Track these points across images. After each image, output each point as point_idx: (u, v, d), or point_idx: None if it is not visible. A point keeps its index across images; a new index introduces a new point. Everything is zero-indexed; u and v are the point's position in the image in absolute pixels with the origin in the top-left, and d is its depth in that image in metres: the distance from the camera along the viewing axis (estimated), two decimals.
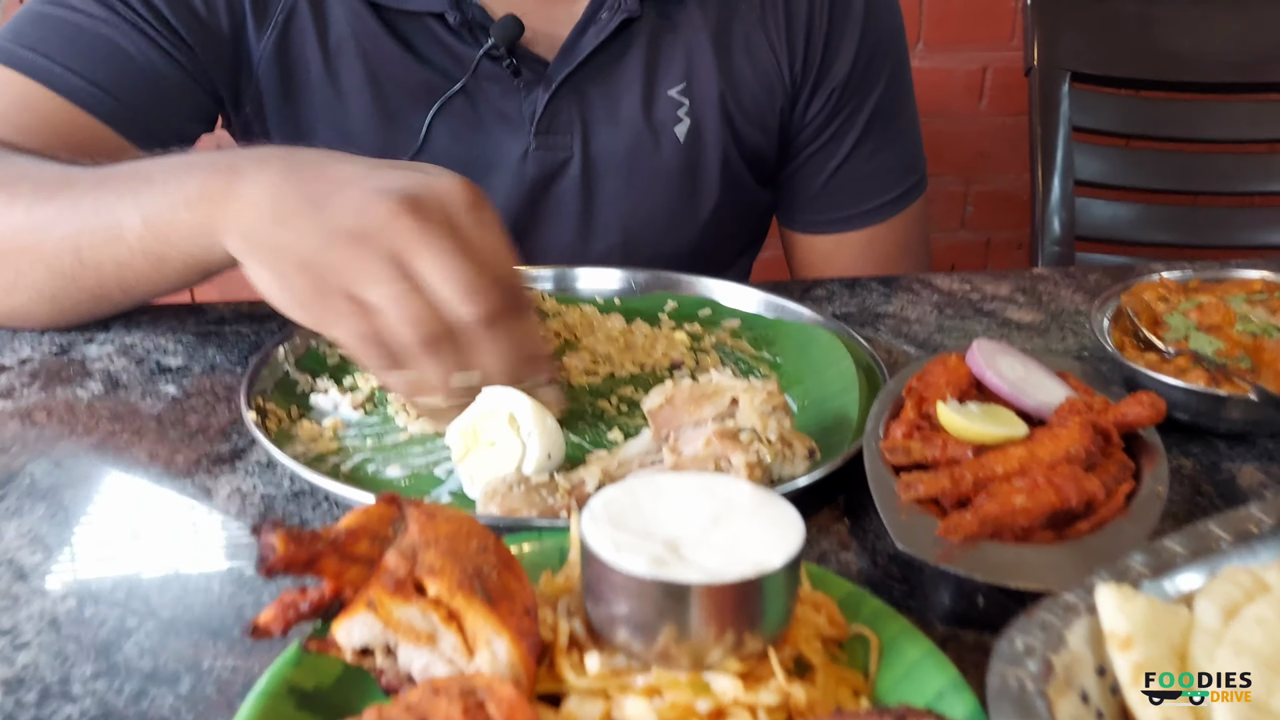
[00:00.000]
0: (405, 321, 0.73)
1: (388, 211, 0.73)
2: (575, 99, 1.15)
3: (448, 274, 0.73)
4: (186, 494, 0.79)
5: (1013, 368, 0.79)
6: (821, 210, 1.30)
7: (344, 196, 0.76)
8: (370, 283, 0.74)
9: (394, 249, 0.73)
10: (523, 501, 0.71)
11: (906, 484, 0.69)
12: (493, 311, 0.74)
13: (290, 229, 0.76)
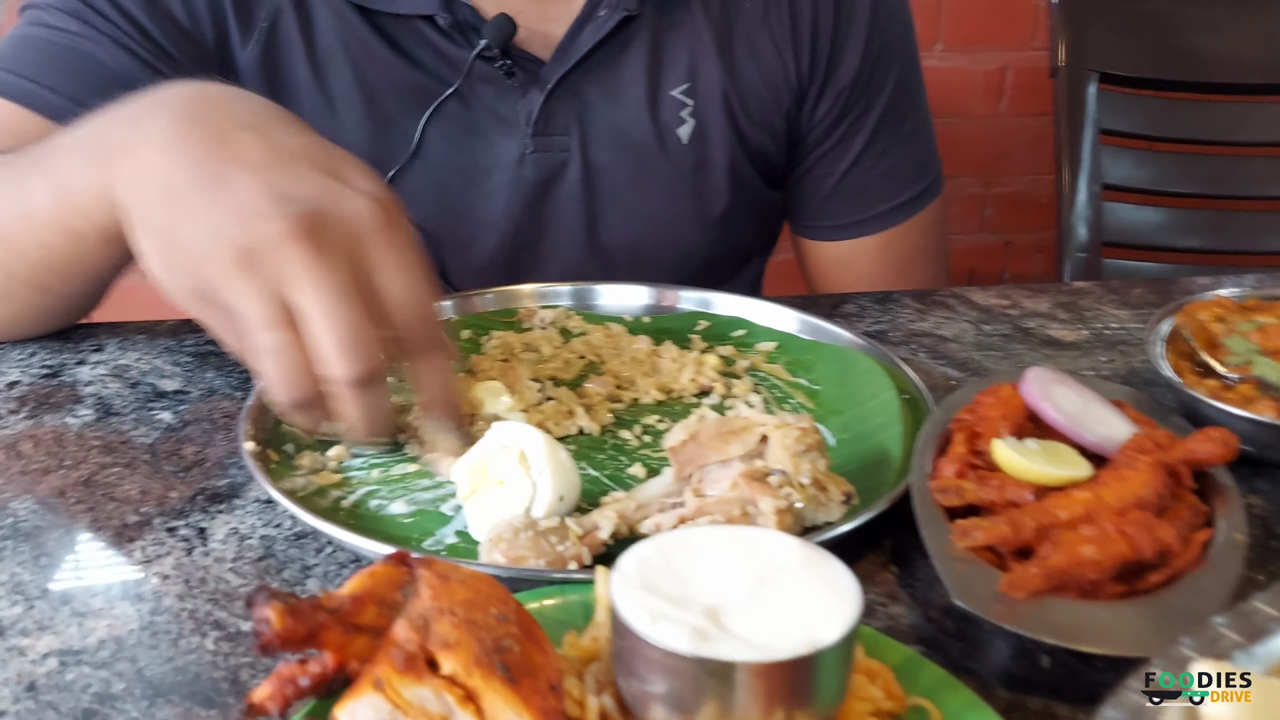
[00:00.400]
0: (275, 377, 0.69)
1: (280, 233, 0.66)
2: (572, 99, 1.10)
3: (330, 321, 0.66)
4: (180, 536, 0.73)
5: (1070, 399, 0.74)
6: (833, 215, 1.24)
7: (238, 190, 0.68)
8: (246, 317, 0.68)
9: (279, 278, 0.67)
10: (530, 549, 0.65)
11: (962, 531, 0.63)
12: (369, 372, 0.68)
13: (177, 214, 0.70)
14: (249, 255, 0.67)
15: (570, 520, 0.68)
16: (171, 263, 0.71)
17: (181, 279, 0.71)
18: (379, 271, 0.69)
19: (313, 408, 0.70)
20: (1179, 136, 1.92)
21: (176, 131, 0.72)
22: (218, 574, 0.70)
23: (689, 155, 1.14)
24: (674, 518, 0.69)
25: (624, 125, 1.12)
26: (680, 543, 0.54)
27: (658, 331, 0.98)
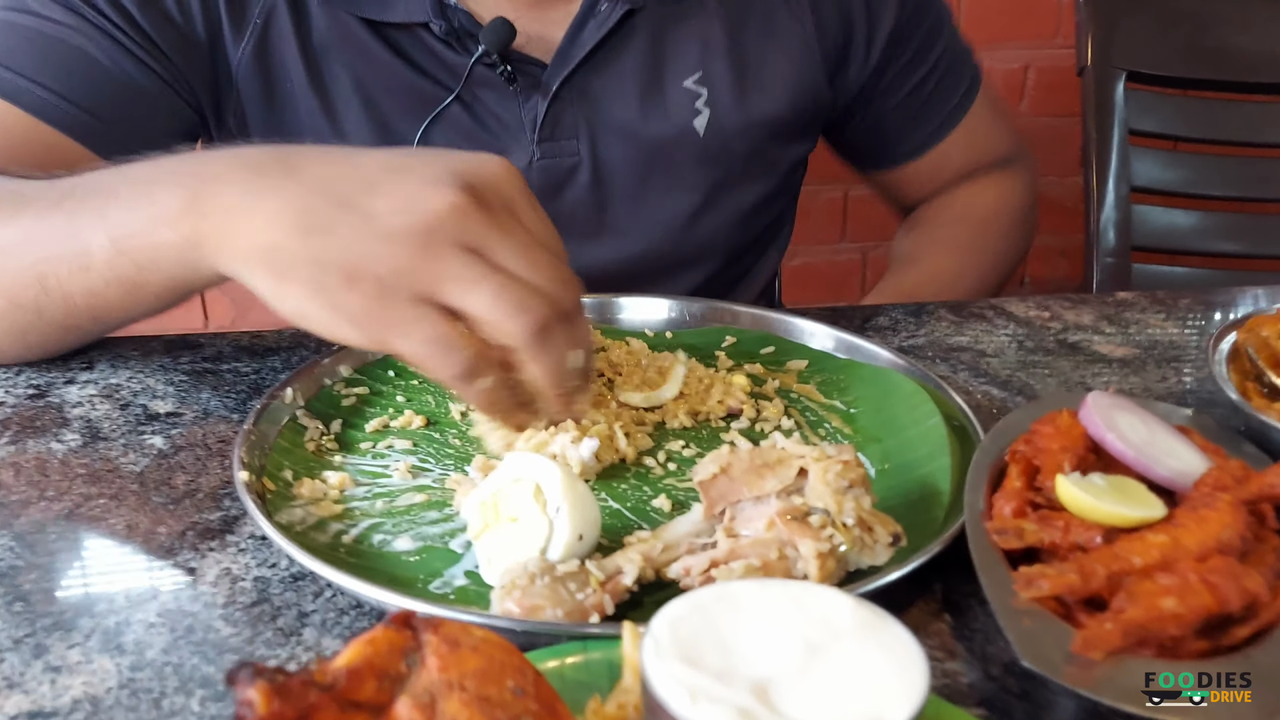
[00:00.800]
0: (511, 313, 0.66)
1: (449, 205, 0.67)
2: (578, 102, 1.05)
3: (533, 261, 0.68)
4: (167, 577, 0.67)
5: (1135, 428, 0.68)
6: (913, 134, 1.24)
7: (388, 193, 0.68)
8: (455, 280, 0.66)
9: (469, 243, 0.67)
10: (547, 597, 0.59)
11: (1027, 580, 0.57)
12: (580, 293, 0.71)
13: (330, 238, 0.67)
14: (430, 232, 0.66)
15: (591, 563, 0.62)
16: (332, 286, 0.67)
17: (349, 294, 0.67)
18: (534, 225, 0.71)
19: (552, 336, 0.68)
20: (1211, 137, 1.85)
21: (290, 177, 0.70)
22: (207, 621, 0.64)
23: (705, 147, 1.09)
24: (705, 560, 0.63)
25: (635, 123, 1.07)
26: (719, 600, 0.48)
27: (682, 348, 0.92)
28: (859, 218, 2.54)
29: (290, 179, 0.70)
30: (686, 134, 1.08)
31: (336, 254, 0.67)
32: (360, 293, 0.66)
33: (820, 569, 0.61)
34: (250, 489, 0.70)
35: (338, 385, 0.86)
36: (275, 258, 0.69)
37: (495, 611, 0.60)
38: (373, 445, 0.80)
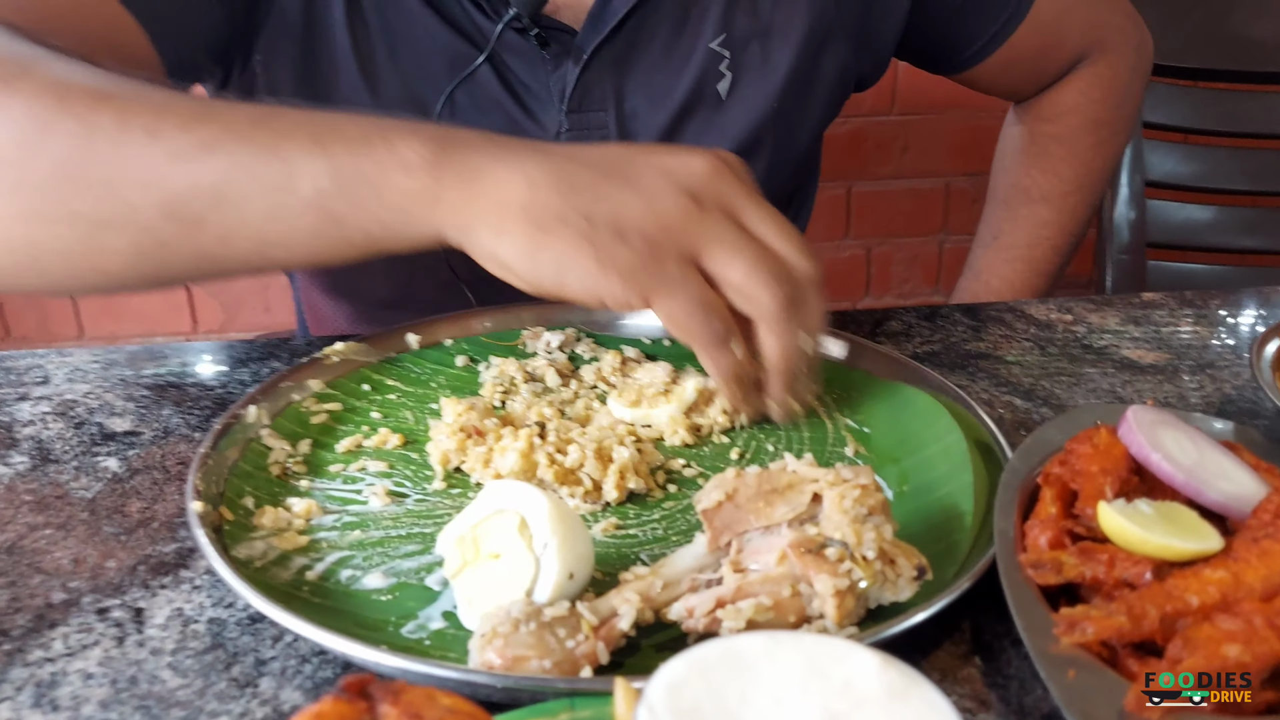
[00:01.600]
0: (767, 283, 0.67)
1: (712, 168, 0.69)
2: (609, 70, 1.00)
3: (783, 234, 0.69)
4: (112, 620, 0.61)
5: (1182, 447, 0.61)
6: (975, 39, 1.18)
7: (644, 162, 0.69)
8: (720, 243, 0.67)
9: (730, 208, 0.69)
10: (533, 646, 0.53)
11: (1069, 622, 0.51)
12: (820, 273, 0.71)
13: (596, 196, 0.67)
14: (694, 194, 0.67)
15: (582, 606, 0.56)
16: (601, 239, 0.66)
17: (619, 247, 0.65)
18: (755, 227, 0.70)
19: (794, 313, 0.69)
20: (1228, 130, 1.79)
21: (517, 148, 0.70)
22: (153, 671, 0.57)
23: (726, 112, 1.05)
24: (710, 600, 0.56)
25: (661, 89, 1.02)
26: (725, 660, 0.42)
27: (678, 356, 0.85)
28: (862, 214, 2.48)
29: (540, 153, 0.69)
30: (710, 98, 1.04)
31: (606, 209, 0.66)
32: (630, 248, 0.65)
33: (838, 608, 0.54)
34: (204, 521, 0.64)
35: (307, 401, 0.79)
36: (538, 213, 0.66)
37: (474, 663, 0.54)
38: (344, 467, 0.74)
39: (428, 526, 0.68)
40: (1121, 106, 1.27)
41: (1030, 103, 1.27)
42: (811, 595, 0.56)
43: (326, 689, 0.56)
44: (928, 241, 2.56)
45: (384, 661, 0.53)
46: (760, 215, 0.69)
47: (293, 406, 0.79)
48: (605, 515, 0.69)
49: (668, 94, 1.02)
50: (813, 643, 0.44)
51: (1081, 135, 1.25)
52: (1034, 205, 1.26)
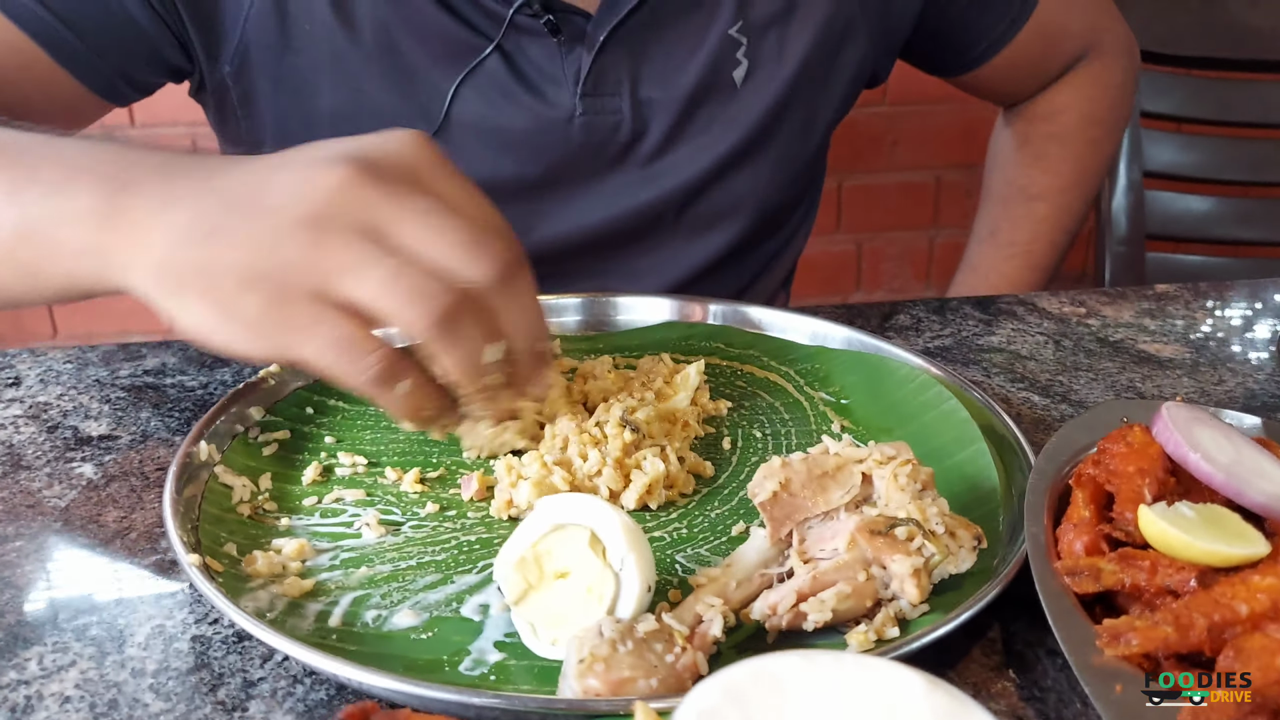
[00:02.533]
0: (408, 301, 0.58)
1: (339, 181, 0.58)
2: (624, 55, 0.97)
3: (439, 235, 0.59)
4: (90, 639, 0.57)
5: (1219, 446, 0.58)
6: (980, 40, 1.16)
7: (277, 184, 0.60)
8: (347, 270, 0.58)
9: (363, 223, 0.58)
10: (636, 665, 0.49)
11: (1113, 634, 0.48)
12: (507, 263, 0.60)
13: (220, 242, 0.59)
14: (319, 219, 0.58)
15: (668, 617, 0.53)
16: (227, 294, 0.59)
17: (245, 300, 0.58)
18: (447, 193, 0.61)
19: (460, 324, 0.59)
20: (1227, 119, 1.76)
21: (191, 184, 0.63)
22: (133, 693, 0.54)
23: (741, 100, 1.02)
24: (790, 595, 0.54)
25: (676, 76, 0.99)
26: (758, 683, 0.39)
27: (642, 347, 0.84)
28: (854, 209, 2.45)
29: (194, 186, 0.62)
30: (725, 85, 1.01)
31: (229, 258, 0.59)
32: (256, 297, 0.58)
33: (918, 587, 0.53)
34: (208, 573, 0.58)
35: (253, 431, 0.74)
36: (169, 271, 0.60)
37: (573, 691, 0.50)
38: (318, 500, 0.68)
39: (438, 554, 0.63)
40: (1116, 106, 1.26)
41: (1025, 104, 1.26)
42: (886, 577, 0.54)
43: (320, 712, 0.53)
44: (918, 236, 2.53)
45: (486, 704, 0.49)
46: (404, 217, 0.58)
47: (239, 439, 0.73)
48: None
49: (682, 79, 0.99)
50: (852, 662, 0.41)
51: (1078, 133, 1.24)
52: (1032, 203, 1.25)
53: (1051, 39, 1.18)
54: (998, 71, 1.18)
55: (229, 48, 0.94)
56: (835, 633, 0.55)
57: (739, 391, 0.79)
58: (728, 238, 1.06)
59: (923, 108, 2.36)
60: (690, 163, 1.02)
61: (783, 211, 1.12)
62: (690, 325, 0.87)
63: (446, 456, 0.72)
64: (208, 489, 0.67)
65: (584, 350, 0.84)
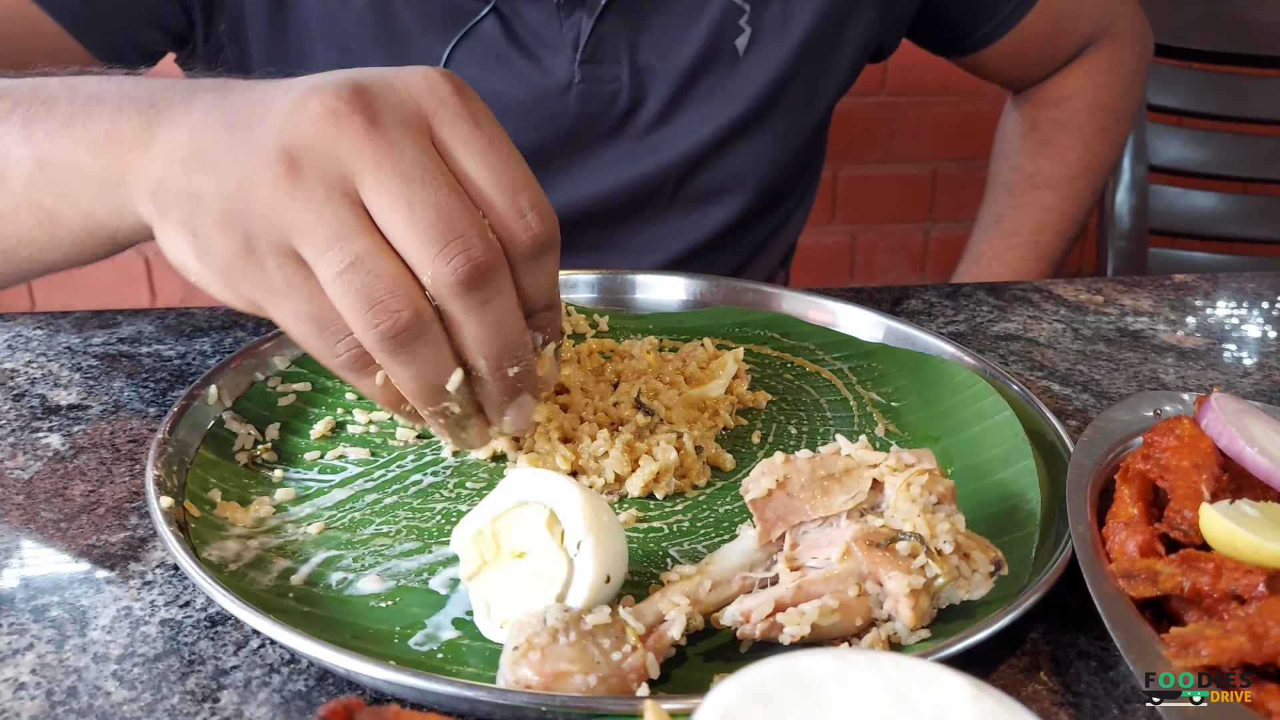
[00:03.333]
0: (359, 305, 0.50)
1: (323, 112, 0.50)
2: (625, 21, 0.93)
3: (416, 211, 0.49)
4: (49, 621, 0.52)
5: (1271, 439, 0.54)
6: (989, 19, 1.12)
7: (272, 108, 0.52)
8: (306, 233, 0.50)
9: (337, 172, 0.50)
10: (576, 659, 0.45)
11: (1182, 644, 0.44)
12: (480, 267, 0.50)
13: (207, 168, 0.52)
14: (294, 156, 0.49)
15: (625, 612, 0.48)
16: (203, 229, 0.52)
17: (218, 240, 0.51)
18: (456, 149, 0.51)
19: (417, 345, 0.51)
20: (1233, 114, 1.73)
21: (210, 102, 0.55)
22: (95, 681, 0.49)
23: (743, 70, 0.98)
24: (768, 602, 0.49)
25: (677, 42, 0.96)
26: (789, 685, 0.35)
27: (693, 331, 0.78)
28: (848, 199, 2.41)
29: (207, 104, 0.55)
30: (726, 54, 0.97)
31: (212, 189, 0.51)
32: (228, 240, 0.51)
33: (913, 610, 0.47)
34: (170, 518, 0.55)
35: (272, 380, 0.71)
36: (162, 192, 0.54)
37: (505, 680, 0.46)
38: (320, 455, 0.65)
39: (425, 520, 0.60)
40: (1127, 93, 1.22)
41: (1033, 88, 1.22)
42: (880, 595, 0.49)
43: (298, 704, 0.48)
44: (913, 229, 2.50)
45: (395, 680, 0.45)
46: (394, 178, 0.49)
47: (257, 386, 0.71)
48: (624, 507, 0.61)
49: (682, 47, 0.95)
50: (890, 664, 0.36)
51: (1086, 120, 1.20)
52: (1038, 191, 1.21)
53: (1061, 22, 1.14)
54: (1005, 54, 1.14)
55: (225, 4, 0.90)
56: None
57: (784, 385, 0.74)
58: (726, 214, 1.03)
59: (921, 99, 2.32)
60: (689, 134, 0.98)
61: (783, 186, 1.08)
62: (745, 312, 0.82)
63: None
64: (209, 434, 0.65)
65: (633, 329, 0.80)
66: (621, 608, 0.48)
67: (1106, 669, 0.51)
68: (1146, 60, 1.25)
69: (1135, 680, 0.49)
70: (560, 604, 0.48)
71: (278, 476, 0.63)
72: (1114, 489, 0.54)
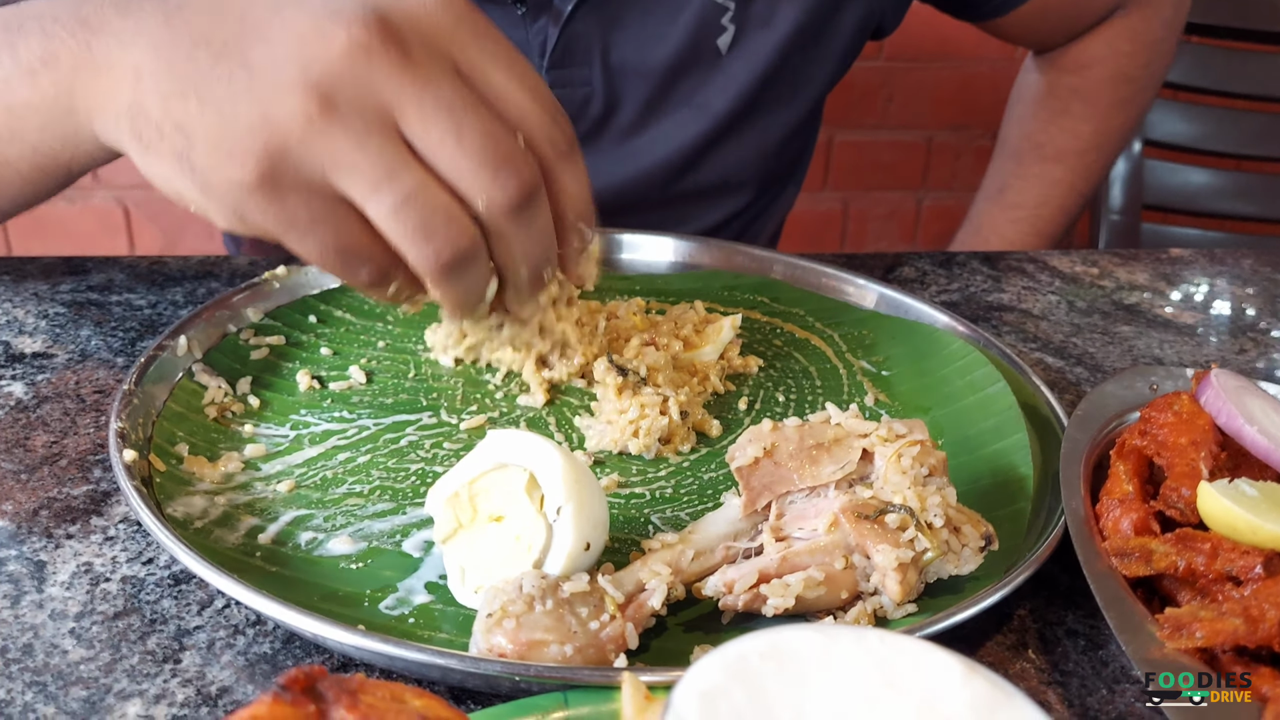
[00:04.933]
0: (420, 237, 0.49)
1: (351, 44, 0.48)
2: (596, 22, 0.90)
3: (464, 141, 0.49)
4: (6, 575, 0.51)
5: (1270, 418, 0.53)
6: None
7: (275, 33, 0.49)
8: (355, 170, 0.48)
9: (377, 106, 0.48)
10: (552, 628, 0.43)
11: (1176, 625, 0.42)
12: (529, 186, 0.50)
13: (198, 99, 0.49)
14: (324, 93, 0.48)
15: (604, 580, 0.47)
16: (208, 162, 0.50)
17: (227, 170, 0.49)
18: (483, 69, 0.51)
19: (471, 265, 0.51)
20: (1230, 90, 1.72)
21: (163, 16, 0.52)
22: (51, 638, 0.47)
23: (728, 68, 0.94)
24: (751, 573, 0.47)
25: (653, 44, 0.92)
26: (771, 662, 0.33)
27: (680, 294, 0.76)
28: (842, 166, 2.39)
29: (159, 19, 0.52)
30: (708, 52, 0.93)
31: (205, 121, 0.49)
32: (238, 173, 0.49)
33: (901, 584, 0.46)
34: (133, 472, 0.53)
35: (245, 333, 0.69)
36: (141, 120, 0.51)
37: (479, 648, 0.44)
38: (293, 410, 0.63)
39: (400, 480, 0.58)
40: (1151, 64, 1.18)
41: (1055, 52, 1.18)
42: (867, 568, 0.47)
43: (263, 668, 0.46)
44: (906, 197, 2.47)
45: (363, 645, 0.44)
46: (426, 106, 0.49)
47: (229, 338, 0.69)
48: (605, 471, 0.60)
49: (660, 47, 0.91)
50: (878, 641, 0.35)
51: (1105, 91, 1.16)
52: (1046, 163, 1.17)
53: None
54: (1028, 18, 1.10)
55: None
56: (801, 622, 0.49)
57: (774, 351, 0.73)
58: (717, 213, 1.01)
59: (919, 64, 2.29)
60: (672, 136, 0.95)
61: (775, 178, 1.06)
62: (736, 275, 0.80)
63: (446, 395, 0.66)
64: (178, 386, 0.63)
65: (619, 290, 0.78)
66: (600, 575, 0.47)
67: (1095, 648, 0.49)
68: (1178, 26, 1.19)
69: (1124, 660, 0.48)
70: (537, 570, 0.46)
71: (248, 431, 0.61)
72: (1108, 464, 0.53)
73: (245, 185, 0.48)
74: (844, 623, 0.47)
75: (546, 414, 0.64)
